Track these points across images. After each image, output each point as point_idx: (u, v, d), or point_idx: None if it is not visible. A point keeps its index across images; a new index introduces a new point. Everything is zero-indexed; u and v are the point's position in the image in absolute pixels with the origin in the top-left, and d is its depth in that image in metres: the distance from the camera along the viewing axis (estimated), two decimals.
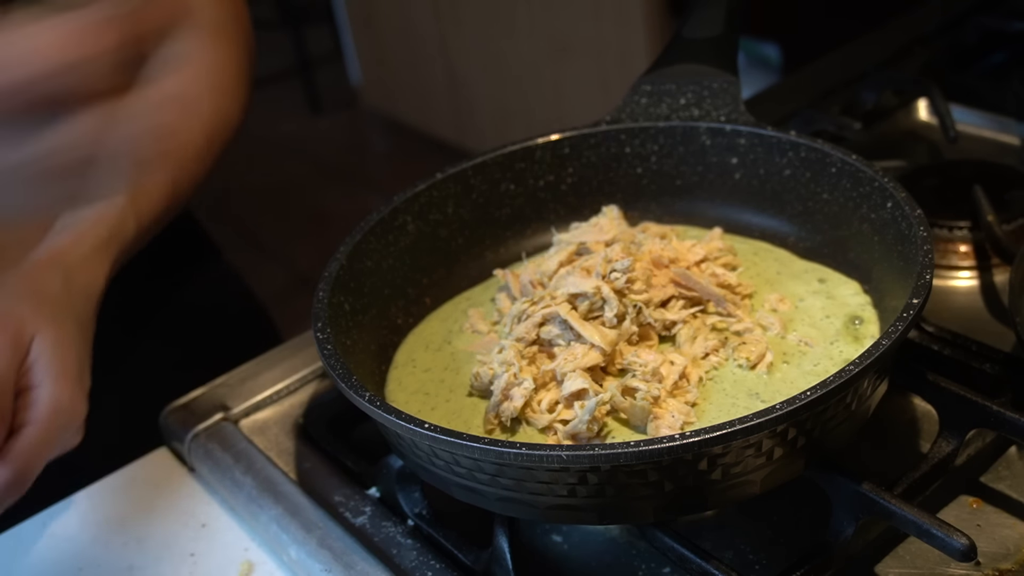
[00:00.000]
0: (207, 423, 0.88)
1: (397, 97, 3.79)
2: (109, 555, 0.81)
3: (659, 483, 0.62)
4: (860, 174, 0.81)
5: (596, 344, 0.74)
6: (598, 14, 2.82)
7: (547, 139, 0.92)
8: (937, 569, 0.68)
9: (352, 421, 0.87)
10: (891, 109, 1.18)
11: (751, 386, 0.73)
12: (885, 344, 0.63)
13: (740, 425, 0.59)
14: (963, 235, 0.94)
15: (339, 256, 0.81)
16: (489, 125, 3.40)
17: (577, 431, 0.70)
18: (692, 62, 0.93)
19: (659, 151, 0.92)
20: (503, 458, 0.62)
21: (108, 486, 0.87)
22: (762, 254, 0.87)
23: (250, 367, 0.94)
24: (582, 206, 0.93)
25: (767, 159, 0.88)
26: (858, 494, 0.65)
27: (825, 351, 0.75)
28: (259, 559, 0.79)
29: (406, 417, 0.65)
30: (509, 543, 0.68)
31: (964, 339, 0.79)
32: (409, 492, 0.77)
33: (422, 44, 3.49)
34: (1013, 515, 0.71)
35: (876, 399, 0.70)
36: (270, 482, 0.81)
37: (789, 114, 1.16)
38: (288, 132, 4.08)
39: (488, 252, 0.92)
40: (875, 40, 1.31)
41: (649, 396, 0.70)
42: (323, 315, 0.75)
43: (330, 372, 0.70)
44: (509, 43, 3.15)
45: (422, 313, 0.88)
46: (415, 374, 0.82)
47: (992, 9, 1.31)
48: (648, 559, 0.72)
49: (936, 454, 0.71)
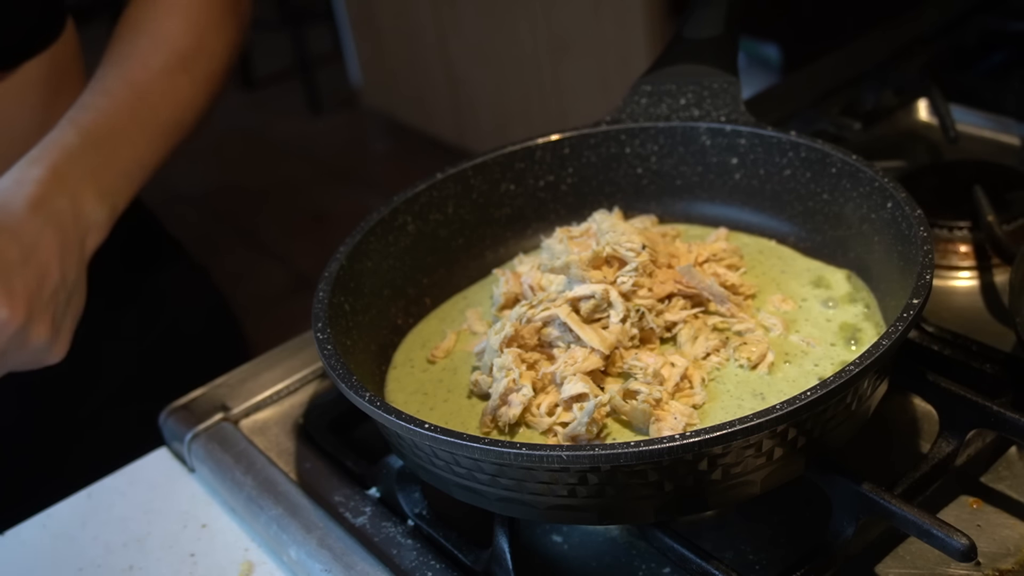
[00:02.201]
0: (207, 423, 0.88)
1: (397, 97, 3.79)
2: (109, 555, 0.81)
3: (659, 483, 0.62)
4: (860, 174, 0.81)
5: (596, 348, 0.74)
6: (598, 14, 2.82)
7: (547, 139, 0.92)
8: (937, 569, 0.68)
9: (352, 421, 0.87)
10: (891, 109, 1.18)
11: (755, 386, 0.73)
12: (885, 344, 0.63)
13: (740, 425, 0.59)
14: (963, 235, 0.94)
15: (339, 256, 0.81)
16: (489, 125, 3.40)
17: (576, 433, 0.70)
18: (692, 62, 0.93)
19: (659, 151, 0.92)
20: (503, 458, 0.62)
21: (108, 486, 0.87)
22: (767, 252, 0.87)
23: (250, 367, 0.94)
24: (582, 206, 0.93)
25: (767, 159, 0.88)
26: (858, 494, 0.65)
27: (826, 351, 0.75)
28: (259, 559, 0.79)
29: (406, 417, 0.65)
30: (509, 543, 0.68)
31: (964, 339, 0.79)
32: (409, 492, 0.77)
33: (422, 44, 3.49)
34: (1013, 515, 0.71)
35: (876, 399, 0.70)
36: (270, 482, 0.81)
37: (789, 114, 1.16)
38: (288, 132, 4.08)
39: (488, 252, 0.92)
40: (875, 40, 1.31)
41: (650, 399, 0.70)
42: (323, 315, 0.75)
43: (330, 372, 0.70)
44: (509, 43, 3.15)
45: (422, 313, 0.88)
46: (413, 374, 0.82)
47: (992, 9, 1.31)
48: (648, 559, 0.72)
49: (936, 454, 0.71)
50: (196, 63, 0.98)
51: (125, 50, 0.96)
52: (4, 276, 0.76)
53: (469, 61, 3.35)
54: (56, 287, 0.80)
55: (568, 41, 2.96)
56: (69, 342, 0.83)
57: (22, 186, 0.82)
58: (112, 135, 0.90)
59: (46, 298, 0.79)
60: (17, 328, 0.76)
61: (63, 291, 0.81)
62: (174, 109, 0.96)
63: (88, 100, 0.91)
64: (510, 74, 3.22)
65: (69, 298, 0.83)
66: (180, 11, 0.99)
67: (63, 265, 0.82)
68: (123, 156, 0.90)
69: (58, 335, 0.81)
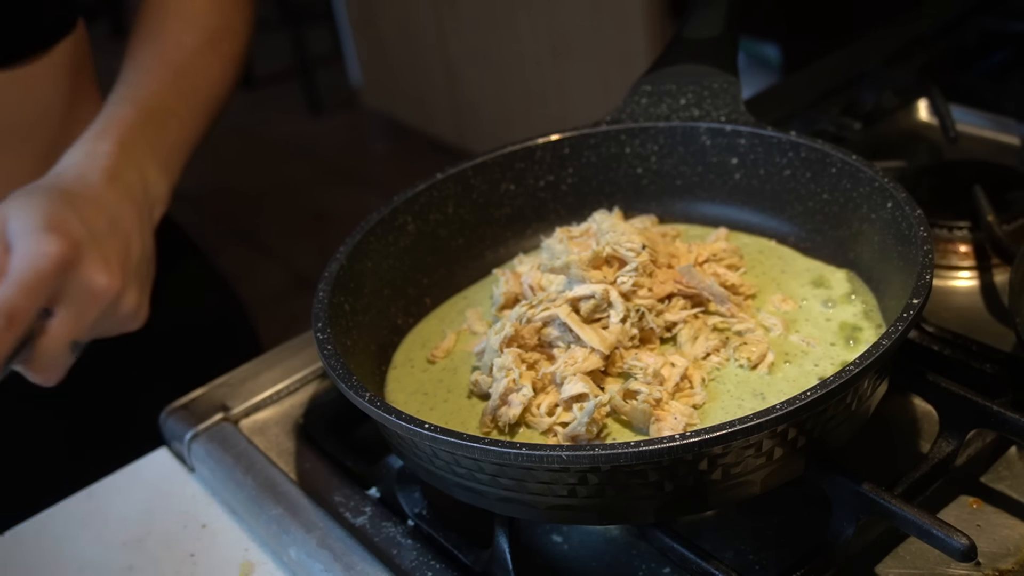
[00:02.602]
0: (207, 423, 0.88)
1: (397, 97, 3.79)
2: (109, 555, 0.81)
3: (659, 483, 0.62)
4: (860, 174, 0.81)
5: (596, 348, 0.74)
6: (598, 14, 2.82)
7: (547, 139, 0.92)
8: (937, 569, 0.68)
9: (352, 421, 0.87)
10: (891, 109, 1.17)
11: (755, 386, 0.73)
12: (885, 344, 0.63)
13: (740, 425, 0.59)
14: (963, 235, 0.94)
15: (339, 256, 0.81)
16: (489, 125, 3.40)
17: (576, 433, 0.70)
18: (692, 62, 0.93)
19: (659, 151, 0.92)
20: (503, 458, 0.62)
21: (108, 486, 0.87)
22: (767, 252, 0.87)
23: (250, 367, 0.94)
24: (582, 206, 0.93)
25: (767, 159, 0.88)
26: (858, 494, 0.65)
27: (826, 351, 0.75)
28: (259, 559, 0.79)
29: (406, 417, 0.65)
30: (509, 543, 0.68)
31: (964, 339, 0.79)
32: (409, 492, 0.77)
33: (422, 44, 3.49)
34: (1013, 515, 0.71)
35: (876, 399, 0.70)
36: (270, 482, 0.81)
37: (789, 114, 1.16)
38: (288, 132, 4.08)
39: (488, 252, 0.92)
40: (875, 40, 1.31)
41: (650, 399, 0.70)
42: (323, 315, 0.75)
43: (330, 372, 0.70)
44: (509, 43, 3.15)
45: (422, 313, 0.88)
46: (413, 374, 0.82)
47: (992, 9, 1.31)
48: (648, 559, 0.72)
49: (936, 454, 0.71)
50: (224, 41, 1.02)
51: (156, 29, 0.99)
52: (99, 245, 0.79)
53: (469, 61, 3.35)
54: (139, 256, 0.84)
55: (568, 41, 2.96)
56: (148, 309, 0.86)
57: (96, 159, 0.85)
58: (162, 111, 0.93)
59: (133, 267, 0.83)
60: (115, 295, 0.79)
61: (144, 260, 0.85)
62: (211, 85, 1.00)
63: (133, 78, 0.94)
64: (510, 74, 3.22)
65: (148, 267, 0.87)
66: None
67: (143, 235, 0.85)
68: (173, 131, 0.94)
69: (141, 302, 0.84)
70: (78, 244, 0.77)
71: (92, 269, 0.77)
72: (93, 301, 0.78)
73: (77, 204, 0.80)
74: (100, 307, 0.79)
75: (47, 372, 0.78)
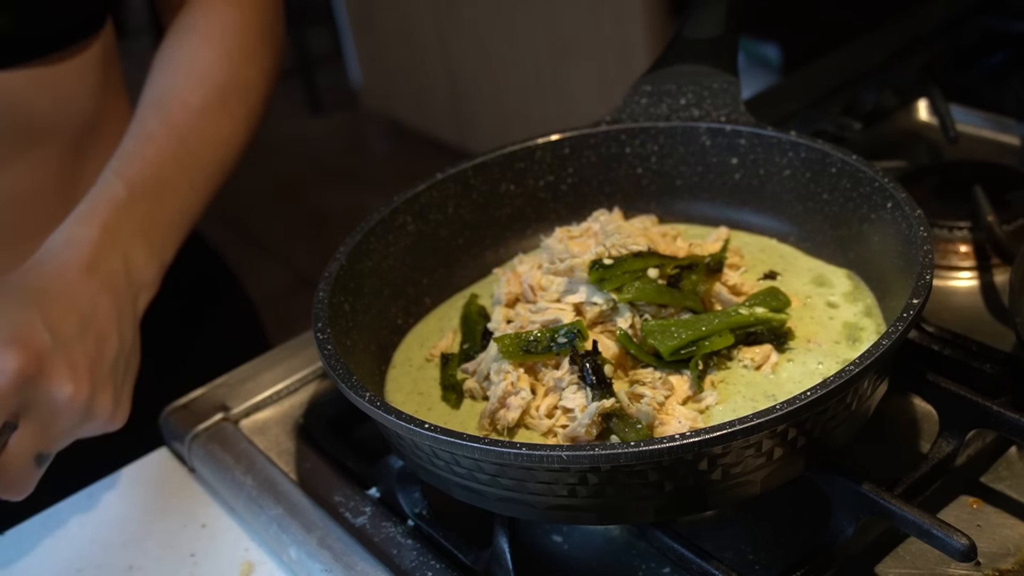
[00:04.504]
0: (207, 423, 0.88)
1: (397, 97, 3.79)
2: (109, 555, 0.81)
3: (659, 483, 0.62)
4: (860, 174, 0.81)
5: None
6: (598, 14, 2.82)
7: (547, 139, 0.92)
8: (937, 569, 0.68)
9: (352, 421, 0.87)
10: (891, 109, 1.18)
11: (761, 386, 0.73)
12: (885, 344, 0.63)
13: (740, 425, 0.59)
14: (963, 235, 0.94)
15: (339, 256, 0.81)
16: (489, 125, 3.40)
17: (576, 434, 0.70)
18: (692, 62, 0.93)
19: (659, 151, 0.92)
20: (503, 458, 0.62)
21: (108, 486, 0.87)
22: (768, 251, 0.87)
23: (250, 367, 0.94)
24: (582, 206, 0.93)
25: (767, 159, 0.88)
26: (858, 494, 0.65)
27: (828, 350, 0.75)
28: (259, 559, 0.79)
29: (406, 417, 0.65)
30: (509, 543, 0.68)
31: (964, 339, 0.79)
32: (409, 492, 0.77)
33: (422, 45, 3.49)
34: (1013, 515, 0.71)
35: (876, 399, 0.70)
36: (270, 482, 0.81)
37: (789, 114, 1.16)
38: (288, 132, 4.08)
39: (488, 252, 0.92)
40: (875, 40, 1.31)
41: (654, 402, 0.70)
42: (323, 315, 0.75)
43: (330, 372, 0.70)
44: (509, 43, 3.15)
45: (422, 313, 0.88)
46: (411, 374, 0.82)
47: (992, 9, 1.31)
48: (648, 559, 0.72)
49: (936, 454, 0.71)
50: (235, 96, 0.97)
51: (163, 88, 0.95)
52: (65, 351, 0.74)
53: (469, 61, 3.35)
54: (116, 354, 0.79)
55: (568, 41, 2.96)
56: (130, 407, 0.82)
57: (75, 247, 0.80)
58: (158, 186, 0.88)
59: (107, 368, 0.78)
60: (82, 404, 0.75)
61: (122, 357, 0.80)
62: (216, 150, 0.94)
63: (131, 148, 0.89)
64: (510, 74, 3.22)
65: (128, 362, 0.82)
66: (215, 42, 0.97)
67: (120, 330, 0.81)
68: (170, 207, 0.89)
69: (119, 402, 0.80)
70: (40, 356, 0.72)
71: (56, 380, 0.73)
72: (58, 413, 0.74)
73: (46, 305, 0.75)
74: (67, 418, 0.75)
75: (14, 487, 0.74)
